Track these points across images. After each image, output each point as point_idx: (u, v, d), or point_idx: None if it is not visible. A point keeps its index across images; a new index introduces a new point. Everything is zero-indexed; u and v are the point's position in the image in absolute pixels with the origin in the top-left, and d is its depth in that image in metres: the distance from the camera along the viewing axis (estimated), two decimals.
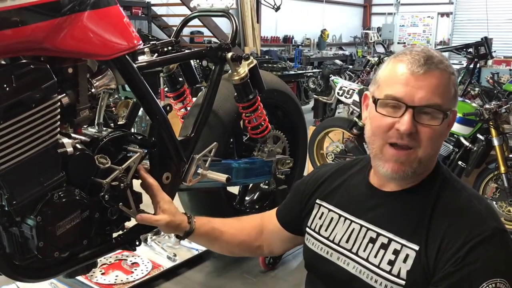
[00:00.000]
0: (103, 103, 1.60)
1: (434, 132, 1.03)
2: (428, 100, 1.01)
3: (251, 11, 10.20)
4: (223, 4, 2.27)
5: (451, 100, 1.05)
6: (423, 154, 1.04)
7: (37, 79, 1.19)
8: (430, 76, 1.01)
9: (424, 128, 1.02)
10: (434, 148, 1.07)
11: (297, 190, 1.35)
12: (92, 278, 2.28)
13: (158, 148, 1.68)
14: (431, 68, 1.02)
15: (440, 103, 1.02)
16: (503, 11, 12.26)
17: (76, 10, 1.27)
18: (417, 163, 1.05)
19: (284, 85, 2.78)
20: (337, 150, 4.22)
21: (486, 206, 1.05)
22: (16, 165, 1.17)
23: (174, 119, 2.42)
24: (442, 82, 1.03)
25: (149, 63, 1.84)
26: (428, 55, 1.04)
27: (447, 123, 1.06)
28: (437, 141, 1.07)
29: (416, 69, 1.02)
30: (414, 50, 1.05)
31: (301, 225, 1.30)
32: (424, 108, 1.01)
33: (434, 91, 1.01)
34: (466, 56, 5.50)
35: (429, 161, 1.08)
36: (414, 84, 1.01)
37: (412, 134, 1.02)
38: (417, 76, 1.01)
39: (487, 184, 3.38)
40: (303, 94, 7.96)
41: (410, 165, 1.05)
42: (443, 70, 1.03)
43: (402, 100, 1.02)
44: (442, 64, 1.03)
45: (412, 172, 1.06)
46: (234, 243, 1.38)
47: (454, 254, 0.98)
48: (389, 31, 14.56)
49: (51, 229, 1.28)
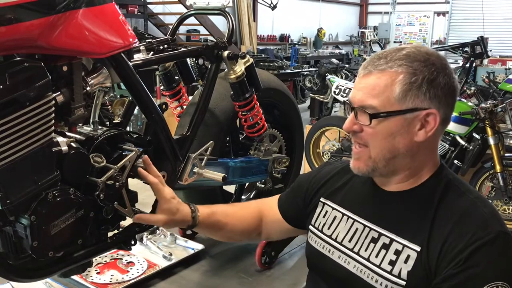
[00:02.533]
0: (98, 101, 1.59)
1: (375, 132, 1.05)
2: (362, 101, 1.06)
3: (247, 9, 10.19)
4: (219, 2, 2.26)
5: (394, 101, 1.03)
6: (372, 153, 1.08)
7: (32, 77, 1.18)
8: (370, 78, 1.06)
9: (365, 127, 1.07)
10: (384, 147, 1.06)
11: (301, 186, 1.36)
12: (87, 278, 2.27)
13: (154, 147, 1.67)
14: (370, 70, 1.06)
15: (373, 104, 1.04)
16: (499, 11, 12.31)
17: (70, 8, 1.26)
18: (372, 162, 1.09)
19: (280, 84, 2.77)
20: (333, 148, 4.22)
21: (490, 209, 1.04)
22: (10, 164, 1.16)
23: (170, 118, 2.42)
24: (380, 83, 1.03)
25: (145, 61, 1.83)
26: (380, 56, 1.06)
27: (399, 123, 1.04)
28: (385, 141, 1.06)
29: (361, 71, 1.09)
30: (378, 53, 1.10)
31: (304, 221, 1.32)
32: (360, 108, 1.06)
33: (369, 93, 1.05)
34: (462, 55, 5.50)
35: (392, 160, 1.07)
36: (357, 86, 1.09)
37: (357, 133, 1.09)
38: (360, 78, 1.09)
39: (482, 183, 3.39)
40: (299, 92, 7.96)
41: (365, 162, 1.10)
42: (383, 70, 1.04)
43: (349, 101, 1.10)
44: (386, 65, 1.03)
45: (372, 169, 1.09)
46: (236, 233, 1.39)
47: (456, 256, 0.97)
48: (385, 30, 14.57)
49: (45, 229, 1.27)
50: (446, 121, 1.08)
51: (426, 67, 1.03)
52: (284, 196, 1.41)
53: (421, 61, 1.03)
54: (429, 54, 1.05)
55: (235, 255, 2.58)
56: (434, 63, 1.04)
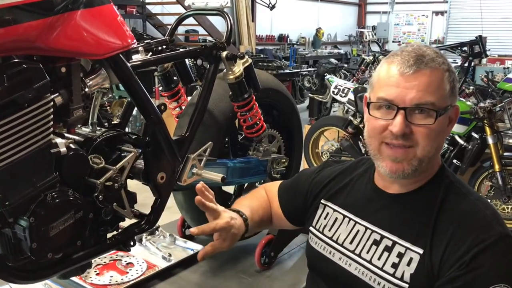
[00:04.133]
0: (97, 102, 1.58)
1: (429, 131, 1.02)
2: (419, 99, 1.01)
3: (246, 9, 10.19)
4: (218, 3, 2.26)
5: (446, 97, 1.04)
6: (421, 153, 1.04)
7: (30, 79, 1.17)
8: (420, 75, 1.02)
9: (419, 128, 1.02)
10: (433, 146, 1.05)
11: (301, 185, 1.35)
12: (86, 279, 2.26)
13: (153, 148, 1.67)
14: (421, 67, 1.02)
15: (432, 101, 1.01)
16: (497, 10, 12.32)
17: (69, 9, 1.25)
18: (417, 161, 1.05)
19: (279, 84, 2.77)
20: (332, 148, 4.23)
21: (492, 211, 1.05)
22: (8, 166, 1.16)
23: (169, 118, 2.41)
24: (433, 80, 1.02)
25: (144, 62, 1.83)
26: (419, 54, 1.04)
27: (445, 120, 1.05)
28: (435, 139, 1.05)
29: (405, 70, 1.02)
30: (405, 50, 1.06)
31: (303, 220, 1.32)
32: (416, 107, 1.01)
33: (425, 90, 1.01)
34: (460, 54, 5.52)
35: (430, 160, 1.07)
36: (404, 85, 1.02)
37: (407, 135, 1.03)
38: (407, 77, 1.02)
39: (481, 182, 3.40)
40: (298, 93, 7.97)
41: (409, 163, 1.05)
42: (434, 68, 1.03)
43: (393, 102, 1.03)
44: (433, 62, 1.03)
45: (413, 170, 1.05)
46: (261, 226, 1.41)
47: (459, 259, 0.97)
48: (384, 30, 14.61)
49: (44, 230, 1.26)
50: None
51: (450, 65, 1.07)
52: (284, 193, 1.40)
53: (445, 58, 1.06)
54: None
55: (235, 256, 2.58)
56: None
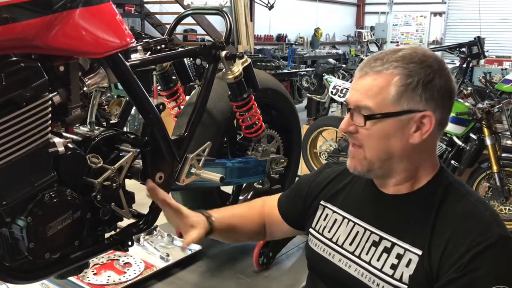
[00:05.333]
0: (95, 101, 1.58)
1: (369, 133, 1.06)
2: (358, 101, 1.06)
3: (244, 9, 10.18)
4: (217, 2, 2.25)
5: (390, 102, 1.03)
6: (367, 154, 1.08)
7: (28, 77, 1.17)
8: (365, 79, 1.06)
9: (361, 128, 1.07)
10: (379, 149, 1.06)
11: (301, 189, 1.35)
12: (84, 279, 2.26)
13: (151, 148, 1.66)
14: (367, 71, 1.06)
15: (369, 105, 1.04)
16: (495, 11, 12.34)
17: (67, 7, 1.25)
18: (367, 162, 1.09)
19: (278, 84, 2.76)
20: (330, 149, 4.22)
21: (491, 212, 1.04)
22: (6, 165, 1.15)
23: (167, 118, 2.40)
24: (375, 84, 1.04)
25: (142, 61, 1.82)
26: (377, 58, 1.06)
27: (395, 124, 1.04)
28: (380, 142, 1.06)
29: (357, 73, 1.09)
30: (376, 53, 1.10)
31: (303, 222, 1.32)
32: (355, 109, 1.07)
33: (365, 93, 1.05)
34: (459, 55, 5.52)
35: (385, 162, 1.07)
36: (354, 86, 1.10)
37: (353, 134, 1.09)
38: (356, 79, 1.09)
39: (479, 183, 3.40)
40: (296, 92, 7.96)
41: (360, 162, 1.10)
42: (378, 72, 1.04)
43: (346, 102, 1.11)
44: (382, 66, 1.04)
45: (368, 170, 1.10)
46: (244, 236, 1.40)
47: (458, 260, 0.97)
48: (382, 30, 14.62)
49: (42, 230, 1.26)
50: (443, 123, 1.08)
51: (422, 69, 1.02)
52: (284, 198, 1.41)
53: (417, 63, 1.03)
54: (426, 56, 1.05)
55: (233, 256, 2.58)
56: (430, 65, 1.03)
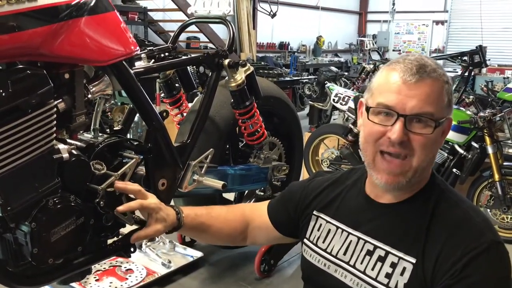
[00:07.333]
0: (99, 108, 1.59)
1: (426, 140, 1.03)
2: (420, 108, 1.02)
3: (247, 17, 10.23)
4: (220, 11, 2.27)
5: (444, 109, 1.05)
6: (417, 163, 1.04)
7: (34, 85, 1.18)
8: (422, 84, 1.02)
9: (416, 136, 1.03)
10: (428, 156, 1.06)
11: (292, 196, 1.34)
12: (86, 285, 2.26)
13: (154, 154, 1.67)
14: (423, 77, 1.02)
15: (432, 111, 1.02)
16: (497, 20, 12.37)
17: (73, 16, 1.26)
18: (412, 172, 1.05)
19: (280, 92, 2.78)
20: (332, 156, 4.23)
21: (483, 218, 1.05)
22: (11, 171, 1.16)
23: (170, 125, 2.42)
24: (434, 90, 1.03)
25: (146, 69, 1.84)
26: (421, 64, 1.04)
27: (440, 131, 1.06)
28: (431, 149, 1.06)
29: (408, 78, 1.02)
30: (407, 59, 1.06)
31: (295, 230, 1.31)
32: (415, 116, 1.02)
33: (425, 100, 1.02)
34: (461, 64, 5.54)
35: (424, 170, 1.08)
36: (406, 92, 1.02)
37: (404, 143, 1.03)
38: (409, 85, 1.02)
39: (481, 191, 3.39)
40: (298, 100, 7.97)
41: (405, 175, 1.05)
42: (435, 78, 1.03)
43: (393, 108, 1.03)
44: (435, 73, 1.03)
45: (407, 181, 1.06)
46: (220, 236, 1.36)
47: (451, 267, 0.97)
48: (384, 39, 14.62)
49: (45, 236, 1.27)
50: None
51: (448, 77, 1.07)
52: (274, 204, 1.39)
53: (444, 70, 1.07)
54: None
55: (234, 263, 2.58)
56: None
